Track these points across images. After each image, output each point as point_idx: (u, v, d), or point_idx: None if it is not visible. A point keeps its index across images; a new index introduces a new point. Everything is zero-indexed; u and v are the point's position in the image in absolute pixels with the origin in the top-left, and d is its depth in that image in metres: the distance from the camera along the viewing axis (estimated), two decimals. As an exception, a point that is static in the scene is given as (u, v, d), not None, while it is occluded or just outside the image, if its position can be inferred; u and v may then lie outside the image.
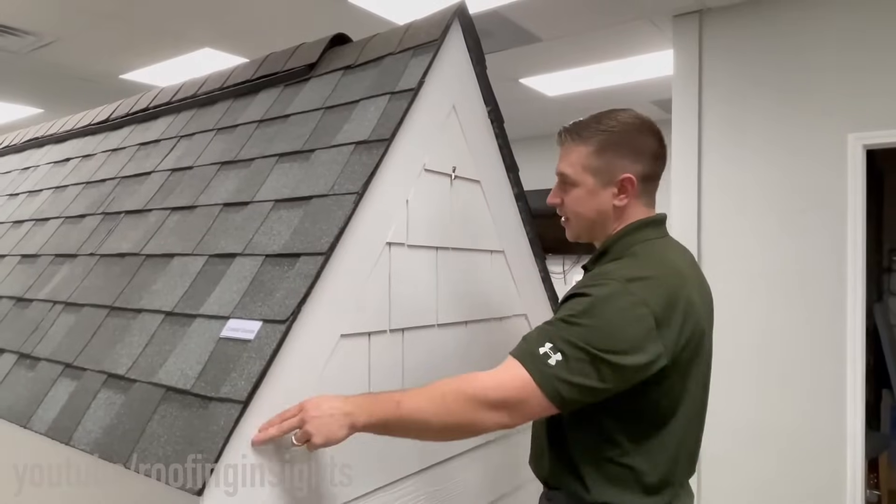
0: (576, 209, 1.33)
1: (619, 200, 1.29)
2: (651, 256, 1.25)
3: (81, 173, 2.23)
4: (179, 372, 1.20)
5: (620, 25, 3.89)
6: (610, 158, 1.28)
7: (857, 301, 3.12)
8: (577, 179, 1.31)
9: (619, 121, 1.29)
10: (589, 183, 1.30)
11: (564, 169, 1.33)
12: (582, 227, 1.35)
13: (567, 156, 1.33)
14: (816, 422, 3.18)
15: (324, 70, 1.72)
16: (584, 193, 1.31)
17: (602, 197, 1.29)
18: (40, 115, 5.88)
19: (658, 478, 1.21)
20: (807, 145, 3.29)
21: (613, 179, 1.28)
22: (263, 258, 1.31)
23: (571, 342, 1.11)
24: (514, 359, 1.14)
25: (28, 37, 4.00)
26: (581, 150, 1.30)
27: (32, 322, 1.68)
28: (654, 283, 1.17)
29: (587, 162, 1.29)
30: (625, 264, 1.22)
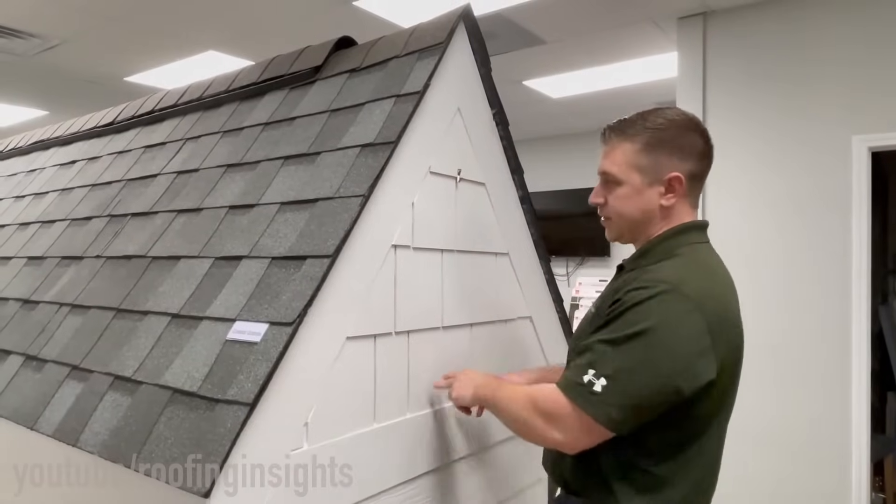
0: (620, 208, 1.29)
1: (666, 200, 1.25)
2: (699, 261, 1.23)
3: (87, 175, 2.24)
4: (186, 374, 1.20)
5: (624, 28, 3.89)
6: (657, 156, 1.24)
7: (863, 304, 3.12)
8: (622, 178, 1.27)
9: (667, 118, 1.26)
10: (635, 181, 1.26)
11: (609, 167, 1.29)
12: (625, 226, 1.31)
13: (611, 154, 1.29)
14: (822, 425, 3.17)
15: (329, 73, 1.73)
16: (629, 192, 1.27)
17: (648, 196, 1.26)
18: (45, 117, 5.91)
19: (686, 491, 1.19)
20: (811, 148, 3.28)
21: (661, 178, 1.24)
22: (269, 260, 1.32)
23: (621, 366, 1.10)
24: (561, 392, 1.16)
25: (34, 39, 4.02)
26: (627, 147, 1.26)
27: (39, 324, 1.69)
28: (708, 290, 1.15)
29: (634, 159, 1.25)
30: (674, 267, 1.19)
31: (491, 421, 1.68)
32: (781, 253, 3.33)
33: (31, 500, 1.47)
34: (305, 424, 1.19)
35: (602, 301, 1.27)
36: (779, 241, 3.35)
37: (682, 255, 1.23)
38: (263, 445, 1.11)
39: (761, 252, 3.36)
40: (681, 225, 1.27)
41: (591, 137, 6.83)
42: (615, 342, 1.12)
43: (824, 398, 3.18)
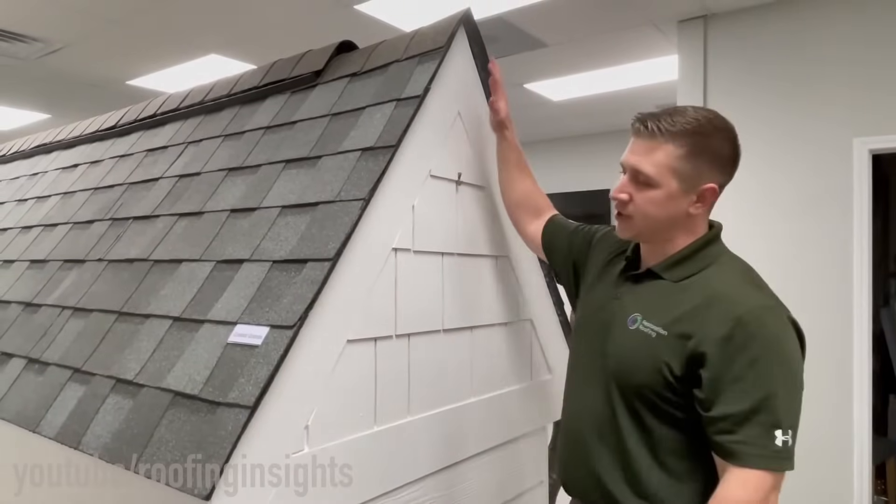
0: (647, 211, 1.21)
1: (694, 209, 1.21)
2: (748, 267, 1.24)
3: (89, 179, 2.25)
4: (187, 377, 1.21)
5: (625, 31, 3.90)
6: (699, 164, 1.18)
7: (864, 306, 3.12)
8: (659, 181, 1.19)
9: (714, 125, 1.20)
10: (672, 187, 1.19)
11: (646, 167, 1.19)
12: (646, 228, 1.24)
13: (652, 152, 1.19)
14: (823, 428, 3.17)
15: (330, 77, 1.73)
16: (662, 197, 1.19)
17: (680, 203, 1.20)
18: (48, 120, 5.92)
19: None
20: (812, 150, 3.29)
21: (697, 187, 1.19)
22: (270, 264, 1.32)
23: (791, 408, 1.10)
24: (762, 473, 1.08)
25: (36, 43, 4.03)
26: (670, 149, 1.18)
27: (41, 327, 1.69)
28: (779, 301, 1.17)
29: (675, 164, 1.18)
30: (738, 275, 1.20)
31: (493, 422, 1.68)
32: (782, 255, 3.33)
33: (32, 502, 1.47)
34: (306, 427, 1.19)
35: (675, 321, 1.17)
36: (780, 243, 3.35)
37: (730, 263, 1.23)
38: (264, 448, 1.11)
39: (762, 254, 3.35)
40: (713, 232, 1.26)
41: (591, 140, 6.86)
42: (779, 387, 1.09)
43: (826, 401, 3.18)
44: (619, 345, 1.24)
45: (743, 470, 1.08)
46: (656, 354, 1.17)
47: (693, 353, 1.13)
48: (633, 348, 1.21)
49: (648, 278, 1.27)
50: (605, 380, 1.26)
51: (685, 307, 1.17)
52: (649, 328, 1.19)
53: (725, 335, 1.11)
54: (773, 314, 1.13)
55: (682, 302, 1.18)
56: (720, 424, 1.10)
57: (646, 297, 1.25)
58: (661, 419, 1.18)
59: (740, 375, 1.09)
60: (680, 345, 1.15)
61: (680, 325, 1.16)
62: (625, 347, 1.23)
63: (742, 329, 1.10)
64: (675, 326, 1.16)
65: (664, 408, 1.17)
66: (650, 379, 1.17)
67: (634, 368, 1.20)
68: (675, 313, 1.18)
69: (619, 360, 1.23)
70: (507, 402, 1.75)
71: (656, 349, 1.17)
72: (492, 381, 1.70)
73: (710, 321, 1.13)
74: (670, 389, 1.16)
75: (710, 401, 1.11)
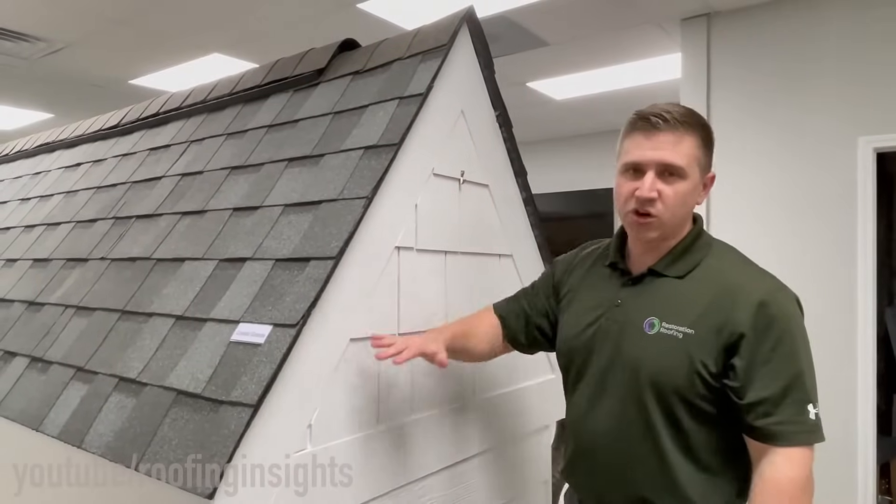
0: (678, 205, 1.20)
1: (701, 198, 1.26)
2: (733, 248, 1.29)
3: (92, 178, 2.25)
4: (190, 376, 1.21)
5: (628, 29, 3.89)
6: (709, 153, 1.24)
7: (868, 305, 3.10)
8: (687, 172, 1.19)
9: (700, 115, 1.25)
10: (696, 177, 1.21)
11: (676, 159, 1.18)
12: (674, 224, 1.23)
13: (678, 145, 1.19)
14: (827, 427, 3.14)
15: (333, 75, 1.73)
16: (690, 188, 1.21)
17: (696, 194, 1.24)
18: (50, 119, 5.93)
19: None
20: (816, 149, 3.27)
21: (706, 176, 1.25)
22: (273, 262, 1.32)
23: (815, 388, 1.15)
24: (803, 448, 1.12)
25: (39, 43, 4.03)
26: (692, 140, 1.20)
27: (44, 326, 1.69)
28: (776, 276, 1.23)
29: (698, 154, 1.21)
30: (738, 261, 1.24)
31: (495, 421, 1.68)
32: (786, 254, 3.32)
33: (35, 502, 1.47)
34: (309, 426, 1.19)
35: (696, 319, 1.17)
36: (783, 242, 3.34)
37: (723, 250, 1.27)
38: (267, 447, 1.11)
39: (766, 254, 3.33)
40: (700, 221, 1.30)
41: (594, 139, 6.85)
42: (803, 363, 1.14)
43: (830, 400, 3.15)
44: (643, 351, 1.21)
45: (789, 449, 1.11)
46: (690, 355, 1.16)
47: (728, 344, 1.15)
48: (662, 353, 1.18)
49: (649, 279, 1.26)
50: (633, 389, 1.21)
51: (704, 302, 1.18)
52: (673, 329, 1.18)
53: (751, 322, 1.13)
54: (785, 296, 1.19)
55: (698, 297, 1.19)
56: (758, 409, 1.12)
57: (656, 299, 1.23)
58: (696, 419, 1.18)
59: (769, 358, 1.12)
60: (711, 340, 1.15)
61: (706, 319, 1.16)
62: (652, 353, 1.20)
63: (764, 312, 1.14)
64: (701, 323, 1.17)
65: (700, 406, 1.17)
66: (686, 380, 1.16)
67: (671, 371, 1.17)
68: (697, 310, 1.18)
69: (652, 366, 1.19)
70: (510, 400, 1.74)
71: (688, 350, 1.16)
72: (494, 380, 1.70)
73: (734, 311, 1.15)
74: (707, 387, 1.16)
75: (745, 387, 1.13)
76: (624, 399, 1.23)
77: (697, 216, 1.30)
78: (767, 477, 1.11)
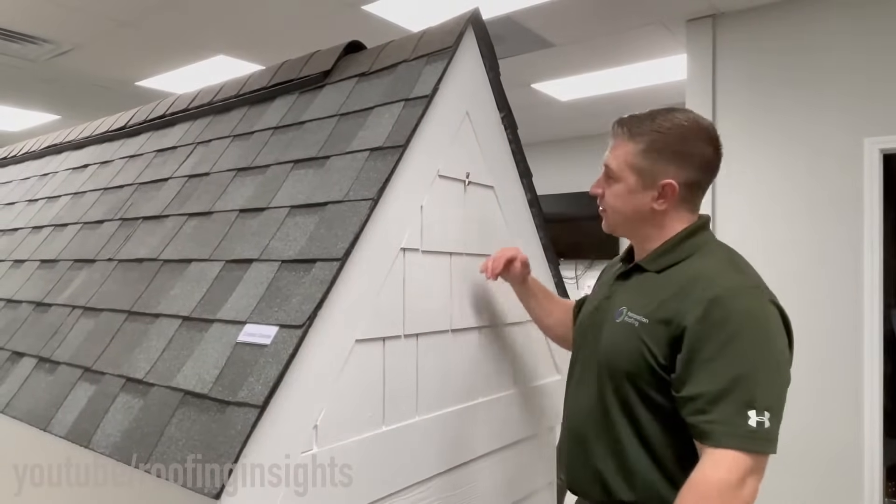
0: (613, 203, 1.32)
1: (657, 204, 1.27)
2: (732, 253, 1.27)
3: (99, 179, 2.26)
4: (197, 376, 1.21)
5: (633, 30, 3.89)
6: (655, 161, 1.25)
7: (874, 307, 3.10)
8: (619, 175, 1.29)
9: (674, 123, 1.25)
10: (630, 181, 1.28)
11: (609, 162, 1.31)
12: (617, 221, 1.34)
13: (615, 149, 1.31)
14: (833, 430, 3.15)
15: (339, 77, 1.74)
16: (624, 190, 1.29)
17: (641, 198, 1.27)
18: (57, 121, 5.96)
19: None
20: (822, 150, 3.27)
21: (655, 183, 1.26)
22: (279, 264, 1.32)
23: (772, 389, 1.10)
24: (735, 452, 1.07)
25: (46, 45, 4.06)
26: (629, 147, 1.28)
27: (52, 326, 1.70)
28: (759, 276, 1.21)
29: (633, 160, 1.27)
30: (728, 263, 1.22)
31: (501, 423, 1.68)
32: (792, 256, 3.31)
33: (39, 501, 1.48)
34: (315, 427, 1.19)
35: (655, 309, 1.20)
36: (790, 244, 3.33)
37: (714, 251, 1.26)
38: (273, 447, 1.12)
39: (772, 255, 3.34)
40: (695, 224, 1.29)
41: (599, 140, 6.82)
42: (755, 367, 1.09)
43: (836, 403, 3.16)
44: (607, 338, 1.29)
45: (716, 450, 1.08)
46: (641, 342, 1.20)
47: (672, 337, 1.16)
48: (618, 338, 1.25)
49: (635, 273, 1.32)
50: (598, 375, 1.29)
51: (665, 294, 1.21)
52: (633, 318, 1.23)
53: (701, 315, 1.13)
54: (752, 294, 1.15)
55: (662, 289, 1.22)
56: (692, 405, 1.11)
57: (631, 290, 1.30)
58: (649, 409, 1.20)
59: (714, 355, 1.10)
60: (661, 330, 1.18)
61: (660, 311, 1.19)
62: (611, 340, 1.27)
63: (718, 308, 1.12)
64: (655, 313, 1.20)
65: (651, 396, 1.20)
66: (634, 366, 1.20)
67: (619, 356, 1.23)
68: (656, 301, 1.21)
69: (607, 351, 1.27)
70: (516, 402, 1.75)
71: (640, 336, 1.20)
72: (500, 382, 1.70)
73: (687, 304, 1.15)
74: (654, 376, 1.18)
75: (683, 381, 1.13)
76: (591, 387, 1.31)
77: (703, 219, 1.31)
78: (693, 477, 1.10)
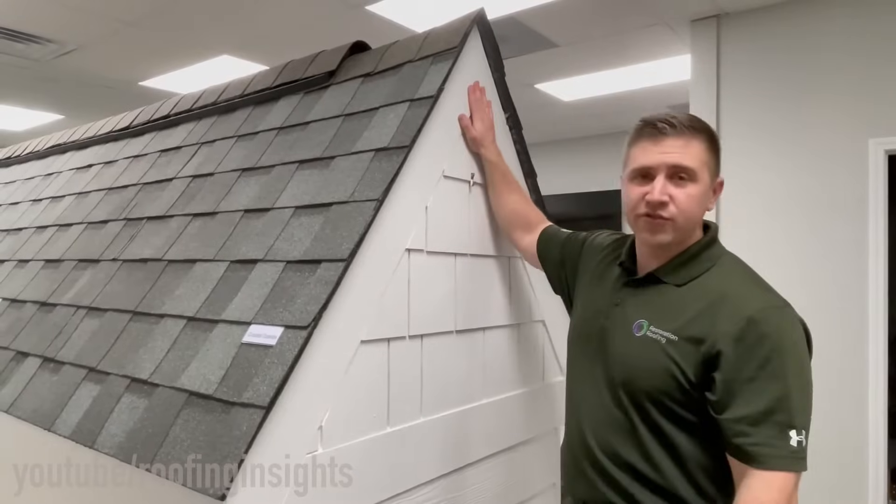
0: (690, 208, 1.20)
1: (711, 203, 1.25)
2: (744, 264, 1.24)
3: (104, 179, 2.26)
4: (202, 377, 1.21)
5: (637, 30, 3.88)
6: (717, 158, 1.24)
7: (879, 308, 3.09)
8: (699, 175, 1.20)
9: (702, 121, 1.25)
10: (706, 181, 1.22)
11: (687, 162, 1.19)
12: (687, 229, 1.23)
13: (687, 148, 1.20)
14: (838, 431, 3.14)
15: (343, 77, 1.74)
16: (701, 191, 1.21)
17: (709, 198, 1.24)
18: (61, 121, 5.97)
19: None
20: (827, 151, 3.25)
21: (715, 180, 1.25)
22: (284, 264, 1.32)
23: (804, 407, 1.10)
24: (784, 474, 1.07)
25: (50, 45, 4.06)
26: (700, 144, 1.21)
27: (56, 326, 1.70)
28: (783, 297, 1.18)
29: (706, 157, 1.21)
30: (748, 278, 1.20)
31: (504, 424, 1.68)
32: (797, 257, 3.30)
33: (41, 501, 1.48)
34: (320, 428, 1.19)
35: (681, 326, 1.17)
36: (794, 245, 3.32)
37: (732, 265, 1.23)
38: (278, 448, 1.11)
39: (776, 257, 3.33)
40: (711, 234, 1.26)
41: (603, 141, 6.83)
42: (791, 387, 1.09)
43: (841, 404, 3.15)
44: (624, 352, 1.23)
45: (766, 473, 1.07)
46: (669, 360, 1.15)
47: (707, 357, 1.12)
48: (640, 355, 1.20)
49: (650, 283, 1.26)
50: (610, 388, 1.24)
51: (693, 310, 1.17)
52: (658, 334, 1.19)
53: (737, 336, 1.10)
54: (783, 314, 1.14)
55: (689, 305, 1.18)
56: (736, 427, 1.09)
57: (650, 303, 1.24)
58: (677, 425, 1.17)
59: (754, 376, 1.09)
60: (693, 349, 1.14)
61: (690, 328, 1.15)
62: (633, 354, 1.21)
63: (753, 329, 1.10)
64: (685, 330, 1.16)
65: (678, 412, 1.16)
66: (662, 383, 1.16)
67: (644, 373, 1.18)
68: (685, 317, 1.17)
69: (626, 366, 1.22)
70: (519, 403, 1.74)
71: (669, 354, 1.16)
72: (504, 383, 1.69)
73: (720, 323, 1.12)
74: (684, 394, 1.15)
75: (725, 403, 1.10)
76: (603, 396, 1.26)
77: (712, 226, 1.29)
78: (745, 498, 1.07)
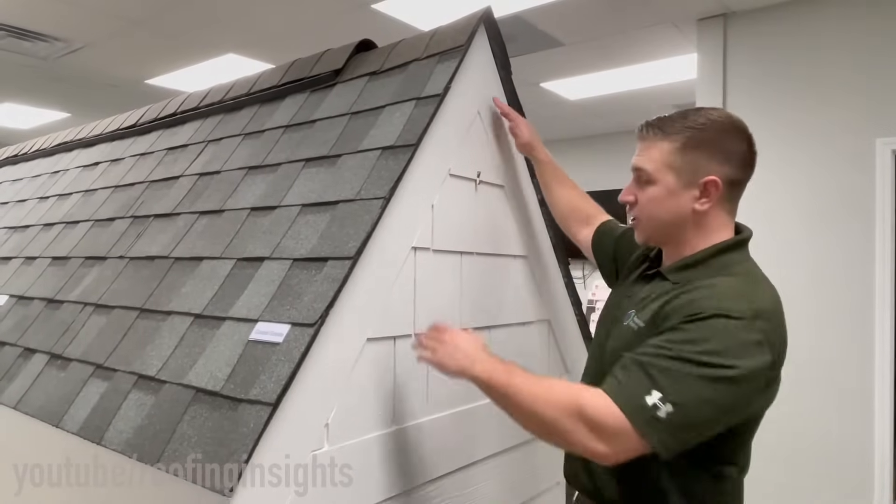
0: (650, 210, 1.22)
1: (700, 204, 1.18)
2: (759, 280, 1.17)
3: (110, 177, 2.27)
4: (209, 374, 1.22)
5: (643, 29, 3.88)
6: (695, 157, 1.18)
7: (886, 308, 3.08)
8: (656, 176, 1.20)
9: (709, 118, 1.20)
10: (669, 182, 1.19)
11: (643, 164, 1.22)
12: (653, 229, 1.25)
13: (647, 151, 1.22)
14: (844, 430, 3.13)
15: (350, 76, 1.74)
16: (661, 193, 1.20)
17: (682, 199, 1.19)
18: (68, 119, 6.00)
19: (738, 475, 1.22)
20: (834, 150, 3.24)
21: (696, 181, 1.18)
22: (291, 262, 1.33)
23: (691, 398, 1.02)
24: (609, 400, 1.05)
25: (57, 43, 4.08)
26: (664, 145, 1.20)
27: (63, 323, 1.71)
28: (776, 318, 1.11)
29: (670, 159, 1.19)
30: (741, 292, 1.11)
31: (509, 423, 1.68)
32: (803, 258, 3.29)
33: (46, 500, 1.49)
34: (326, 425, 1.20)
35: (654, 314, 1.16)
36: (800, 246, 3.31)
37: (743, 275, 1.16)
38: (285, 445, 1.12)
39: (782, 257, 3.32)
40: (734, 239, 1.22)
41: (609, 140, 6.83)
42: (690, 373, 1.03)
43: (847, 403, 3.14)
44: (611, 342, 1.27)
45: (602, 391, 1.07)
46: (631, 341, 1.17)
47: (643, 332, 1.16)
48: (617, 340, 1.24)
49: (658, 279, 1.26)
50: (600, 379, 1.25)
51: (664, 300, 1.16)
52: (636, 323, 1.21)
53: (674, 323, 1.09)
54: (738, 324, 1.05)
55: (669, 300, 1.16)
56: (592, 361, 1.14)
57: (646, 297, 1.25)
58: None
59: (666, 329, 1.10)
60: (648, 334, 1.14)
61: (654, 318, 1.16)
62: (613, 343, 1.25)
63: (690, 314, 1.07)
64: (650, 319, 1.17)
65: None
66: None
67: (614, 358, 1.19)
68: (657, 305, 1.17)
69: (610, 353, 1.24)
70: (525, 401, 1.74)
71: (636, 341, 1.15)
72: (510, 381, 1.69)
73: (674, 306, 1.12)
74: None
75: None
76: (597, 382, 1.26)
77: (745, 235, 1.24)
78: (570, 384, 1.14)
